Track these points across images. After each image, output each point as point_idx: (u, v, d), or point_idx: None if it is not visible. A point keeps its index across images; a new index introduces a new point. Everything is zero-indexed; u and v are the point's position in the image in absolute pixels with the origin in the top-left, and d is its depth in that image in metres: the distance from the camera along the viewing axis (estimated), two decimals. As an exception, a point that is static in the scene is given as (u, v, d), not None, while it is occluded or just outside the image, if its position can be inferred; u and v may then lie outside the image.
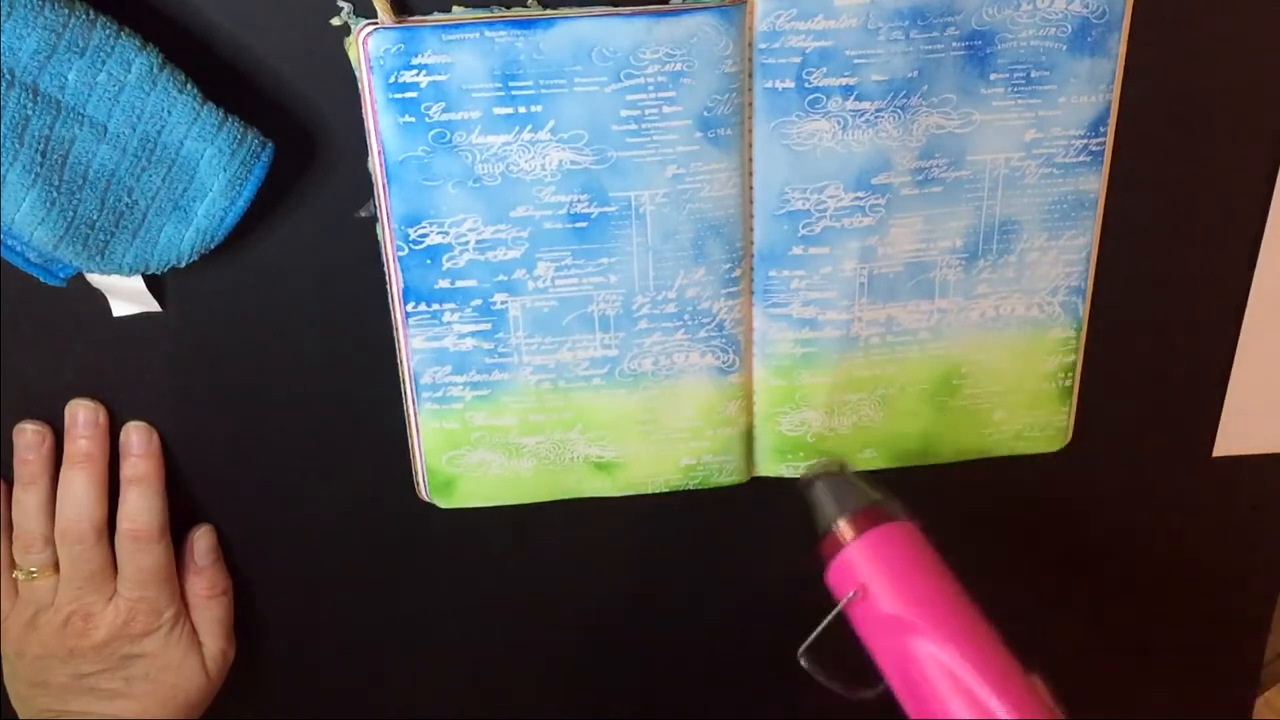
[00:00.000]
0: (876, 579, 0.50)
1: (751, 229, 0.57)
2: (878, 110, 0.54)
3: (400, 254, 0.55)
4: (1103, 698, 0.75)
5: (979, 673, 0.48)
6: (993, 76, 0.54)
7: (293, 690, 0.69)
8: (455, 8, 0.51)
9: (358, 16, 0.51)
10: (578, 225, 0.55)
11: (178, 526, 0.60)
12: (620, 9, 0.51)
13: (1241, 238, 0.61)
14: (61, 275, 0.53)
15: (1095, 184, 0.58)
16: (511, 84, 0.52)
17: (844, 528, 0.52)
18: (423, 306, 0.56)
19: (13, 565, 0.58)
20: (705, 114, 0.53)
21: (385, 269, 0.56)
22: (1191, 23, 0.56)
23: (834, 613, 0.51)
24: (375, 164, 0.53)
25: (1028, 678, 0.49)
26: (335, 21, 0.51)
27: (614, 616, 0.69)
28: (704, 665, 0.71)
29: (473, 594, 0.67)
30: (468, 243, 0.55)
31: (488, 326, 0.57)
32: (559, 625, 0.69)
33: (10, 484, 0.58)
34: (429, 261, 0.55)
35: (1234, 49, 0.57)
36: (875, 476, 0.64)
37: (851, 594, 0.50)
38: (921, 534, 0.52)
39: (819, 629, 0.51)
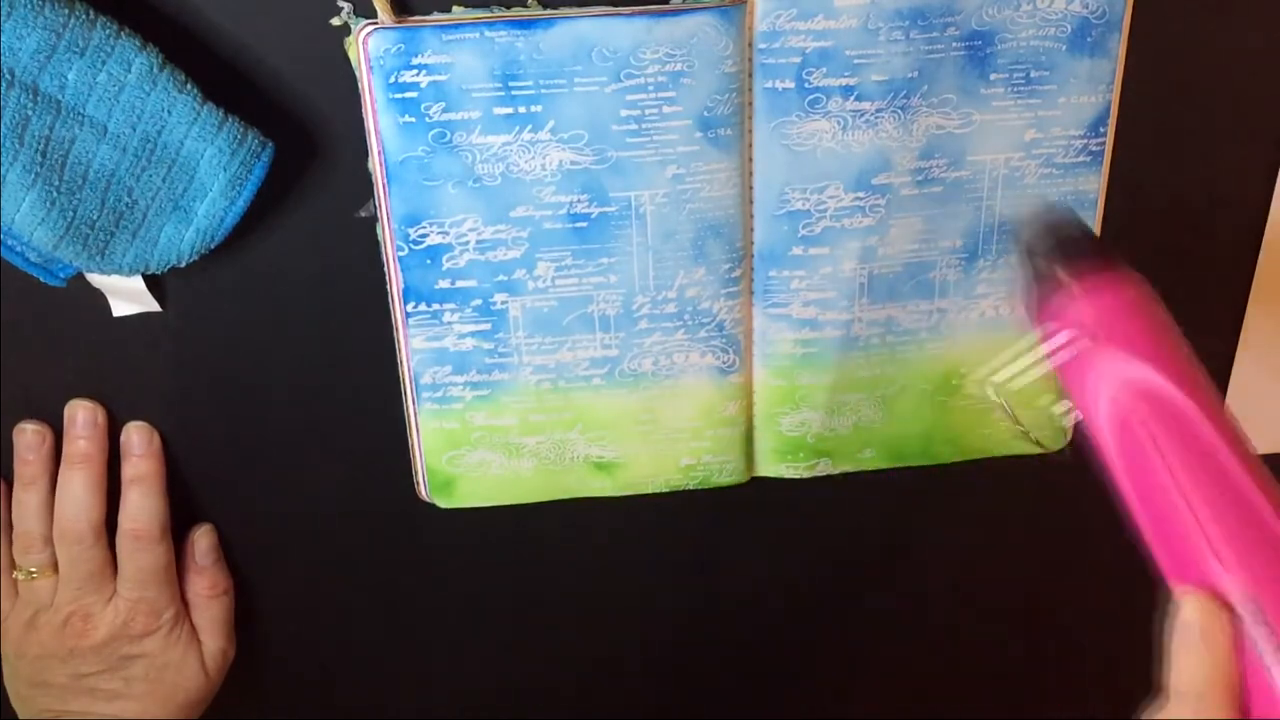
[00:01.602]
0: (1124, 337, 0.44)
1: (751, 229, 0.57)
2: (878, 110, 0.54)
3: (400, 254, 0.55)
4: (1102, 697, 0.75)
5: (1221, 433, 0.42)
6: (993, 76, 0.54)
7: (293, 690, 0.69)
8: (455, 8, 0.51)
9: (358, 16, 0.51)
10: (578, 225, 0.55)
11: (178, 526, 0.60)
12: (620, 9, 0.51)
13: (1241, 238, 0.61)
14: (61, 275, 0.53)
15: (1095, 184, 0.58)
16: (511, 84, 0.52)
17: (1095, 277, 0.45)
18: (423, 306, 0.56)
19: (13, 566, 0.58)
20: (705, 114, 0.53)
21: (385, 269, 0.56)
22: (1191, 23, 0.56)
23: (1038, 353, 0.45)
24: (375, 164, 0.53)
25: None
26: (335, 21, 0.51)
27: (614, 616, 0.69)
28: (704, 665, 0.71)
29: (473, 594, 0.67)
30: (468, 243, 0.55)
31: (488, 326, 0.57)
32: (559, 625, 0.69)
33: (10, 484, 0.58)
34: (429, 261, 0.55)
35: (1234, 49, 0.57)
36: (876, 477, 0.64)
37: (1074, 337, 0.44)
38: (1154, 295, 0.46)
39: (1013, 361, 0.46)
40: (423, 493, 0.62)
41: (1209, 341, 0.64)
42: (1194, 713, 0.39)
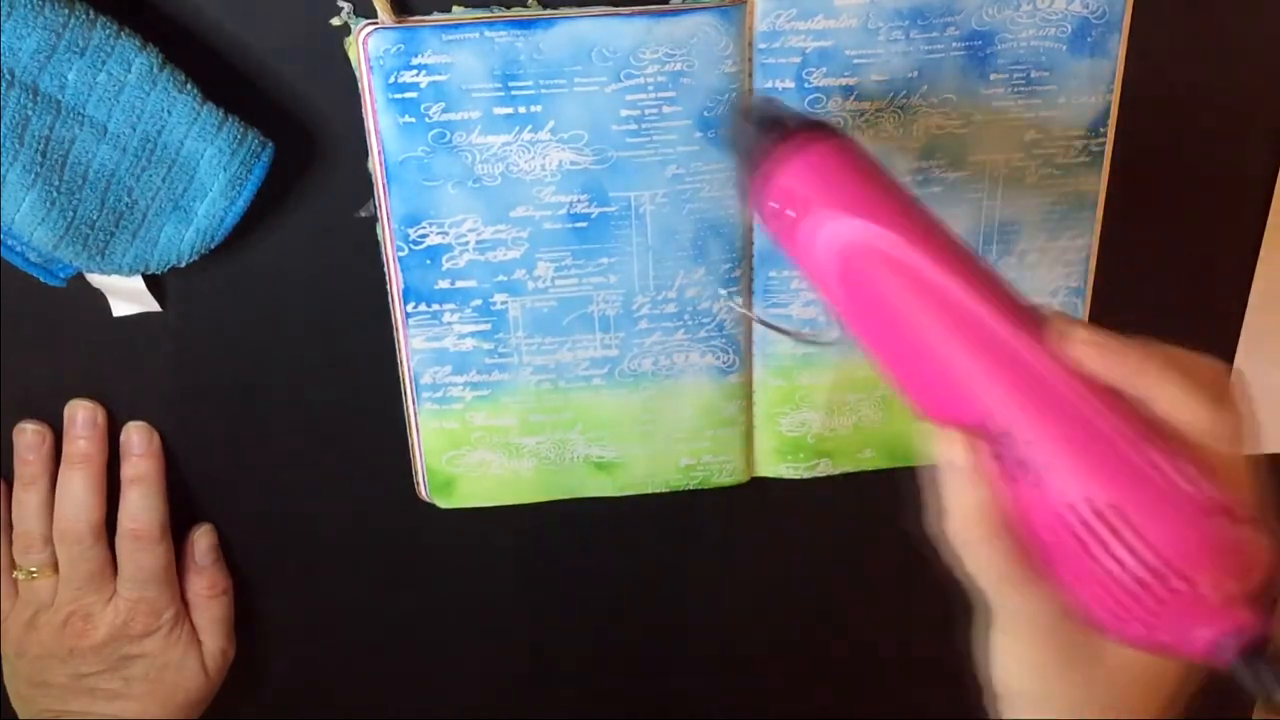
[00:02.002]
0: (823, 195, 0.42)
1: (751, 229, 0.57)
2: (878, 110, 0.54)
3: (400, 254, 0.55)
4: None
5: (945, 268, 0.40)
6: (993, 77, 0.54)
7: (293, 690, 0.69)
8: (455, 8, 0.51)
9: (358, 16, 0.51)
10: (578, 225, 0.55)
11: (178, 526, 0.60)
12: (620, 9, 0.51)
13: (1242, 238, 0.61)
14: (61, 275, 0.53)
15: (1095, 184, 0.58)
16: (511, 84, 0.52)
17: (782, 147, 0.44)
18: (423, 306, 0.56)
19: (13, 565, 0.58)
20: (705, 114, 0.53)
21: (385, 269, 0.56)
22: (1191, 23, 0.56)
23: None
24: (375, 164, 0.53)
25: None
26: (335, 21, 0.51)
27: (614, 616, 0.69)
28: (704, 665, 0.71)
29: (473, 594, 0.67)
30: (468, 243, 0.55)
31: (488, 326, 0.57)
32: (559, 625, 0.69)
33: (10, 484, 0.58)
34: (429, 261, 0.55)
35: (1234, 49, 0.57)
36: (875, 477, 0.64)
37: (791, 214, 0.43)
38: (861, 145, 0.45)
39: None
40: (423, 493, 0.62)
41: (1209, 341, 0.64)
42: (973, 550, 0.38)
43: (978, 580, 0.39)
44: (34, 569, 0.58)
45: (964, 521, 0.38)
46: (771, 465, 0.63)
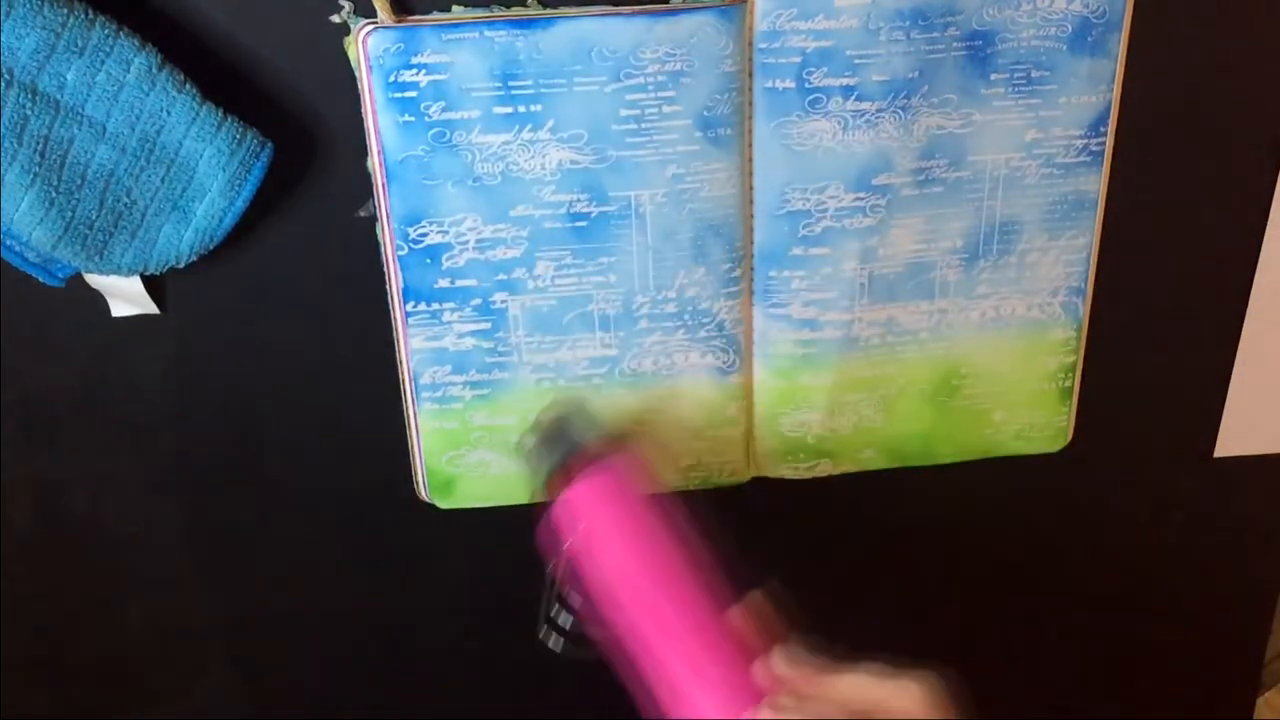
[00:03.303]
0: (580, 541, 0.49)
1: (751, 229, 0.57)
2: (878, 110, 0.54)
3: (400, 253, 0.55)
4: (1103, 698, 0.75)
5: (657, 612, 0.48)
6: (993, 77, 0.54)
7: (292, 689, 0.69)
8: (455, 7, 0.51)
9: (357, 16, 0.51)
10: (577, 225, 0.55)
11: (178, 527, 0.60)
12: (620, 9, 0.51)
13: (1242, 238, 0.61)
14: (60, 275, 0.53)
15: (1095, 184, 0.58)
16: (511, 83, 0.52)
17: (554, 482, 0.50)
18: (423, 306, 0.56)
19: None
20: (705, 114, 0.53)
21: (385, 269, 0.56)
22: (1191, 23, 0.56)
23: (549, 583, 0.51)
24: (375, 164, 0.53)
25: (729, 616, 0.48)
26: (335, 19, 0.51)
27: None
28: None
29: (473, 594, 0.67)
30: (467, 242, 0.55)
31: (487, 326, 0.57)
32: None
33: (7, 483, 0.58)
34: (429, 261, 0.55)
35: (1234, 49, 0.57)
36: (875, 477, 0.64)
37: (555, 561, 0.50)
38: (628, 476, 0.50)
39: (545, 603, 0.51)
40: (423, 493, 0.61)
41: (1209, 341, 0.64)
42: None
43: None
44: None
45: None
46: (771, 465, 0.63)
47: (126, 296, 0.55)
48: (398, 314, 0.57)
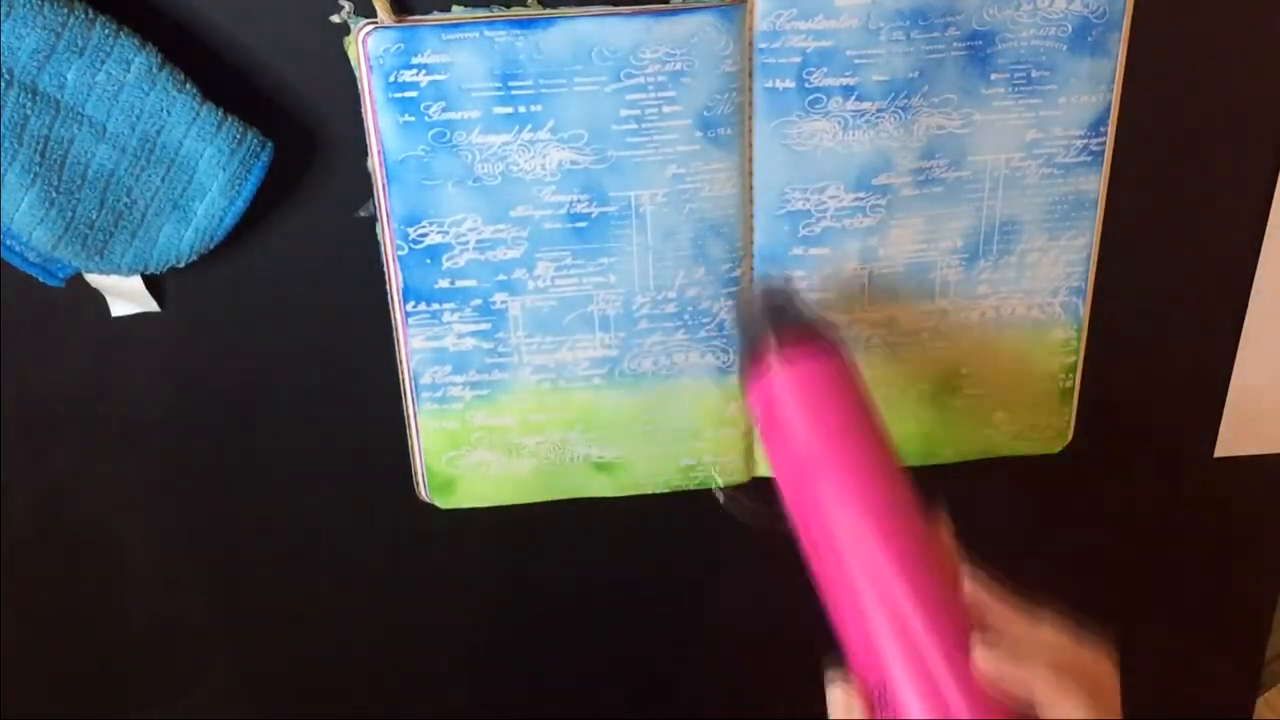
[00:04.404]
0: (790, 412, 0.46)
1: (752, 229, 0.57)
2: (878, 110, 0.54)
3: (400, 254, 0.55)
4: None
5: (872, 522, 0.44)
6: (993, 76, 0.54)
7: (293, 690, 0.69)
8: (455, 7, 0.51)
9: (357, 16, 0.51)
10: (578, 225, 0.55)
11: (178, 527, 0.60)
12: (620, 9, 0.51)
13: (1242, 237, 0.61)
14: (60, 275, 0.53)
15: (1095, 184, 0.58)
16: (511, 84, 0.52)
17: (769, 353, 0.47)
18: (422, 306, 0.56)
19: None
20: (705, 114, 0.53)
21: (385, 269, 0.56)
22: (1191, 23, 0.56)
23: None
24: (375, 164, 0.53)
25: (930, 526, 0.46)
26: (335, 19, 0.51)
27: (614, 616, 0.69)
28: (704, 665, 0.71)
29: (473, 594, 0.67)
30: (468, 242, 0.55)
31: (487, 326, 0.57)
32: (559, 625, 0.69)
33: (7, 483, 0.58)
34: (429, 261, 0.55)
35: (1234, 49, 0.57)
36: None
37: (759, 421, 0.47)
38: (852, 369, 0.48)
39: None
40: (423, 493, 0.61)
41: (1209, 341, 0.64)
42: None
43: None
44: None
45: None
46: (771, 465, 0.63)
47: (127, 295, 0.55)
48: (398, 314, 0.57)
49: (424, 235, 0.55)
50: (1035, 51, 0.54)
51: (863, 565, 0.44)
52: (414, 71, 0.51)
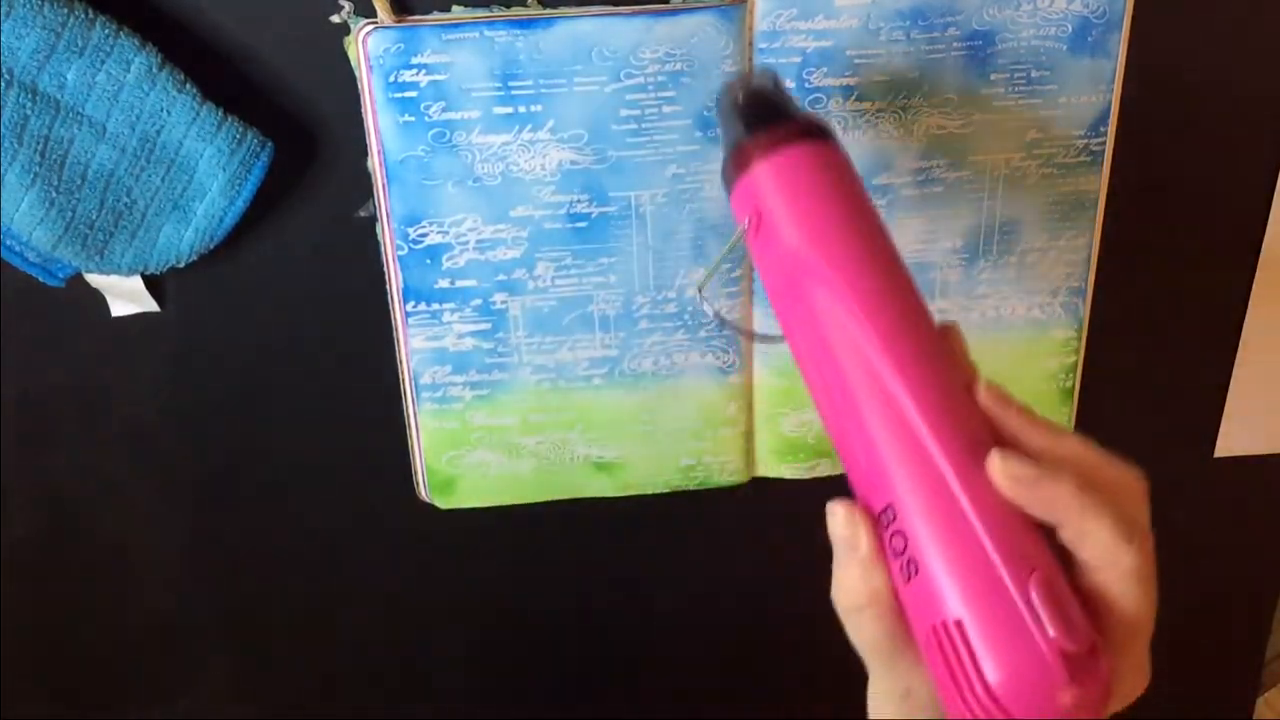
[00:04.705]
0: (775, 207, 0.41)
1: (752, 229, 0.57)
2: (878, 110, 0.54)
3: (400, 254, 0.55)
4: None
5: (871, 322, 0.39)
6: (993, 76, 0.54)
7: (293, 690, 0.69)
8: (455, 7, 0.51)
9: (357, 16, 0.51)
10: (578, 225, 0.55)
11: (178, 527, 0.60)
12: (620, 9, 0.51)
13: (1242, 237, 0.61)
14: (60, 275, 0.53)
15: (1095, 184, 0.58)
16: (511, 84, 0.52)
17: (750, 146, 0.42)
18: (422, 306, 0.56)
19: None
20: (705, 114, 0.53)
21: (385, 269, 0.56)
22: (1191, 23, 0.56)
23: (729, 244, 0.43)
24: (375, 164, 0.53)
25: (940, 330, 0.40)
26: (335, 19, 0.51)
27: (614, 616, 0.69)
28: (704, 665, 0.71)
29: (473, 594, 0.67)
30: (468, 242, 0.55)
31: (487, 326, 0.57)
32: (559, 625, 0.69)
33: (7, 484, 0.58)
34: (429, 261, 0.55)
35: (1234, 49, 0.57)
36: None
37: (745, 223, 0.42)
38: (845, 159, 0.43)
39: (714, 264, 0.45)
40: (423, 493, 0.61)
41: (1209, 341, 0.64)
42: (855, 626, 0.39)
43: (858, 650, 0.40)
44: None
45: (849, 594, 0.39)
46: (771, 465, 0.63)
47: (127, 295, 0.55)
48: (398, 314, 0.57)
49: (424, 235, 0.55)
50: (1035, 51, 0.54)
51: (863, 372, 0.38)
52: (414, 71, 0.51)
